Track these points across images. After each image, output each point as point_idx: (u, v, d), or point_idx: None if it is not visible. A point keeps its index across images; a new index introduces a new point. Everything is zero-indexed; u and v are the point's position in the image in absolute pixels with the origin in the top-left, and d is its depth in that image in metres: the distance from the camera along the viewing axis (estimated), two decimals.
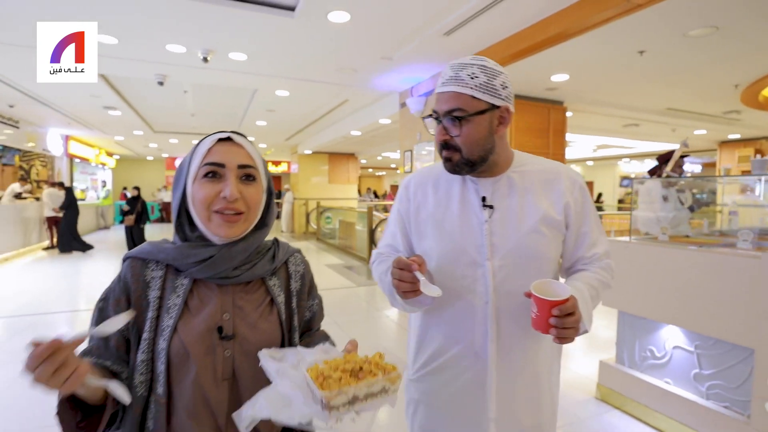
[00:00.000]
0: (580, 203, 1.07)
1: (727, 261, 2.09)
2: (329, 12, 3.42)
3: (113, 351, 0.81)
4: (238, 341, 0.83)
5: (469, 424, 1.05)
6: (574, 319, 0.88)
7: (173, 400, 0.80)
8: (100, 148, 13.87)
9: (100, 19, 3.62)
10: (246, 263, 0.86)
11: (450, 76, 0.98)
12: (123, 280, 0.84)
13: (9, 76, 5.56)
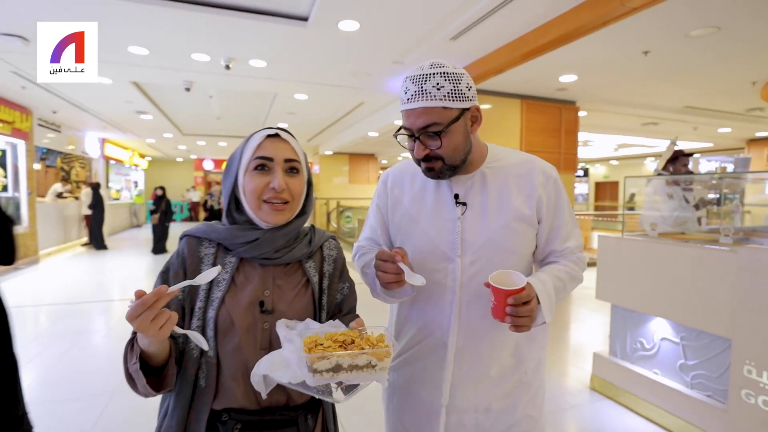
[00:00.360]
0: (553, 198, 1.07)
1: (706, 255, 2.18)
2: (339, 21, 3.64)
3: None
4: (276, 316, 0.91)
5: (426, 409, 1.08)
6: (528, 308, 0.90)
7: (220, 363, 0.89)
8: (133, 150, 14.60)
9: (134, 34, 3.96)
10: (286, 247, 0.94)
11: (414, 91, 0.95)
12: (181, 255, 0.93)
13: (55, 86, 6.04)
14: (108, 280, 6.35)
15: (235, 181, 0.92)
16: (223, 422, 0.86)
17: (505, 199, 1.05)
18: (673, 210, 3.32)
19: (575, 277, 1.07)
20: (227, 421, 0.86)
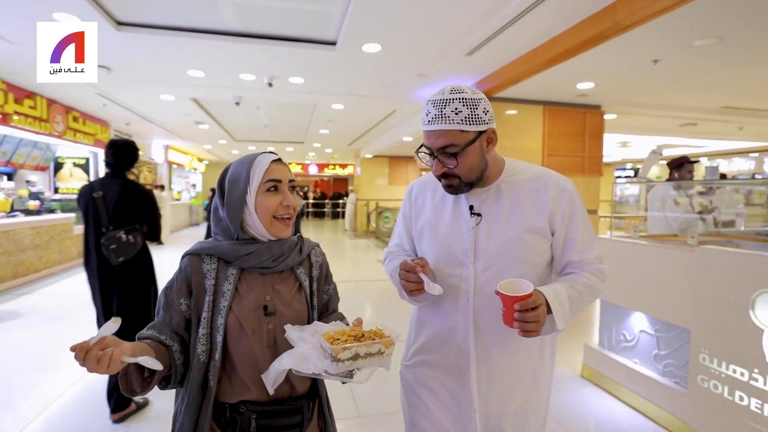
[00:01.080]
0: (568, 211, 1.10)
1: (672, 254, 2.42)
2: (363, 44, 4.12)
3: (174, 327, 0.99)
4: (278, 317, 1.00)
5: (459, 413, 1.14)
6: (535, 314, 0.92)
7: (231, 363, 0.98)
8: (192, 155, 15.98)
9: (192, 60, 4.66)
10: (281, 256, 1.03)
11: (435, 114, 1.01)
12: (184, 272, 1.01)
13: (128, 103, 7.02)
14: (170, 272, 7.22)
15: (243, 203, 1.00)
16: (240, 413, 0.97)
17: (517, 212, 1.10)
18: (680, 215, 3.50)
19: (593, 287, 1.08)
20: (244, 412, 0.97)
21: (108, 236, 2.41)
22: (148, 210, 2.61)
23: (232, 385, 0.98)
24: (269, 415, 0.98)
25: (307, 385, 1.07)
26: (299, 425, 1.00)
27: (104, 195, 2.47)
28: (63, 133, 7.01)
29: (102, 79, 5.44)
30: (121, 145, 2.58)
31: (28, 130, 6.12)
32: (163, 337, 0.96)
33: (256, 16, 3.68)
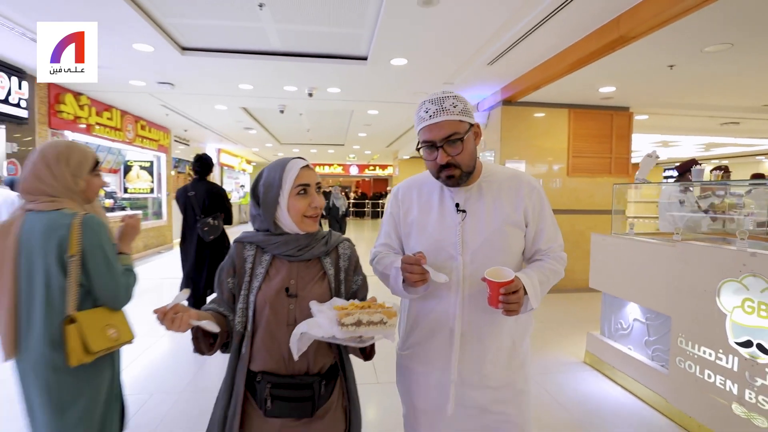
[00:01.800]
0: (537, 206, 1.25)
1: (658, 249, 2.67)
2: (391, 59, 4.56)
3: (226, 301, 1.18)
4: (299, 299, 1.11)
5: (437, 387, 1.26)
6: (517, 296, 1.07)
7: (257, 335, 1.11)
8: (242, 157, 17.10)
9: (243, 75, 5.30)
10: (306, 246, 1.15)
11: (436, 109, 1.14)
12: (231, 256, 1.18)
13: (187, 112, 7.87)
14: None
15: (276, 203, 1.14)
16: (258, 382, 1.10)
17: (498, 207, 1.23)
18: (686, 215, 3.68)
19: (557, 271, 1.25)
20: (261, 381, 1.10)
21: (201, 222, 3.63)
22: (224, 203, 3.82)
23: (255, 355, 1.12)
24: (281, 386, 1.09)
25: (325, 366, 1.15)
26: (310, 399, 1.09)
27: (195, 193, 3.68)
28: (133, 139, 7.98)
29: (166, 93, 6.24)
30: (203, 158, 3.80)
31: (106, 138, 7.07)
32: (221, 309, 1.16)
33: (297, 38, 4.22)
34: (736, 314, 2.12)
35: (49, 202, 1.33)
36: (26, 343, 1.32)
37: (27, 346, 1.31)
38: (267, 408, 1.09)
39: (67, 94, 5.95)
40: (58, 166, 1.34)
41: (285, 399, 1.09)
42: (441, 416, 1.25)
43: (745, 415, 2.08)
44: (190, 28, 4.03)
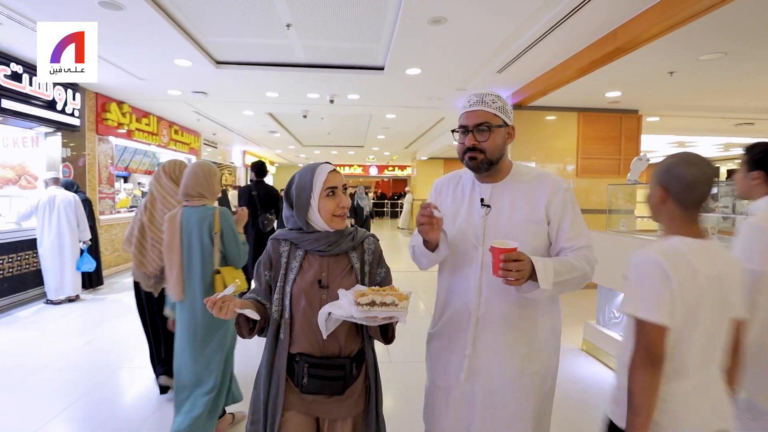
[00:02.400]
0: (560, 205, 1.30)
1: (642, 243, 2.93)
2: (406, 69, 4.92)
3: (264, 291, 1.32)
4: (330, 290, 1.24)
5: (454, 359, 1.37)
6: (517, 265, 1.11)
7: (294, 322, 1.25)
8: (265, 158, 17.74)
9: (270, 84, 5.76)
10: (334, 242, 1.27)
11: (476, 100, 1.29)
12: (268, 251, 1.32)
13: (217, 118, 8.43)
14: None
15: (308, 205, 1.26)
16: (296, 362, 1.24)
17: (519, 204, 1.32)
18: None
19: (576, 267, 1.24)
20: (299, 361, 1.23)
21: (262, 216, 4.54)
22: (277, 202, 4.67)
23: (293, 339, 1.25)
24: (317, 366, 1.23)
25: (354, 350, 1.29)
26: (342, 379, 1.23)
27: (258, 193, 4.56)
28: (167, 143, 8.58)
29: (199, 101, 6.77)
30: (261, 165, 4.70)
31: (144, 142, 7.67)
32: (260, 298, 1.31)
33: (319, 52, 4.64)
34: None
35: (198, 201, 2.13)
36: (189, 289, 2.08)
37: (189, 291, 2.07)
38: (303, 385, 1.23)
39: (112, 103, 6.55)
40: (210, 179, 2.14)
41: (319, 377, 1.22)
42: (455, 394, 1.37)
43: None
44: (225, 45, 4.49)
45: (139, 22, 3.68)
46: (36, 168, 5.82)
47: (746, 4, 2.95)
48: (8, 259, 4.69)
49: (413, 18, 3.53)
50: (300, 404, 1.24)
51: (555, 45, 4.05)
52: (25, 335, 3.95)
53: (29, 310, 4.69)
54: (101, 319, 4.44)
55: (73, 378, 3.02)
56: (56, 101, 5.27)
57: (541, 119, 6.24)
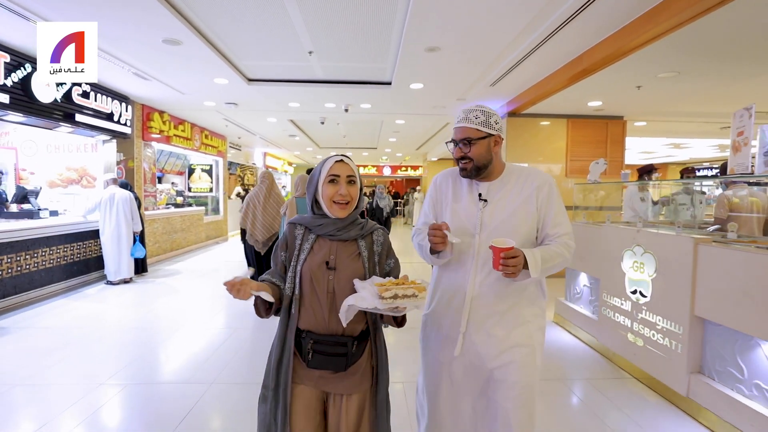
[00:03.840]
0: (546, 196, 1.49)
1: (597, 230, 3.66)
2: (410, 84, 5.70)
3: (279, 272, 1.42)
4: (337, 272, 1.34)
5: (448, 337, 1.54)
6: (515, 261, 1.31)
7: (303, 299, 1.36)
8: (284, 159, 18.70)
9: (292, 96, 6.60)
10: (344, 229, 1.38)
11: (462, 117, 1.49)
12: (285, 235, 1.43)
13: (244, 124, 9.34)
14: None
15: (316, 189, 1.40)
16: (303, 338, 1.34)
17: (512, 199, 1.50)
18: (646, 209, 4.62)
19: (561, 254, 1.44)
20: (305, 338, 1.33)
21: None
22: None
23: (302, 315, 1.34)
24: (321, 342, 1.31)
25: (357, 330, 1.36)
26: (344, 356, 1.30)
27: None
28: (199, 147, 9.53)
29: (229, 110, 7.67)
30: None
31: (180, 146, 8.61)
32: (274, 279, 1.38)
33: (336, 70, 5.44)
34: (629, 272, 3.12)
35: (303, 194, 3.03)
36: None
37: None
38: (308, 360, 1.32)
39: (155, 112, 7.49)
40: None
41: (323, 353, 1.31)
42: (450, 365, 1.54)
43: (633, 340, 3.08)
44: (256, 67, 5.34)
45: (192, 53, 4.55)
46: (94, 170, 6.79)
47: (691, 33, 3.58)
48: (77, 246, 5.63)
49: (412, 47, 4.30)
50: (308, 378, 1.35)
51: (535, 65, 4.77)
52: (95, 307, 4.86)
53: (95, 288, 5.63)
54: (152, 297, 5.33)
55: (132, 340, 3.88)
56: (114, 113, 6.21)
57: (533, 125, 6.93)
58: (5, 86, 4.33)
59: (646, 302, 2.95)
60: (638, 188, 4.69)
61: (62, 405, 2.60)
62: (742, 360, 2.28)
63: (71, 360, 3.32)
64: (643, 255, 2.98)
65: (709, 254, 2.45)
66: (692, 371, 2.57)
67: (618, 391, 2.89)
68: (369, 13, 3.72)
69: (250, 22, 3.90)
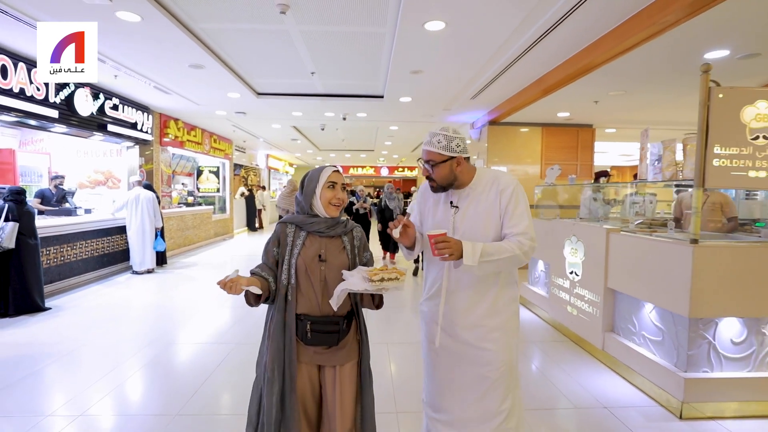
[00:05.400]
0: (507, 199, 1.65)
1: (551, 224, 4.44)
2: (400, 98, 6.49)
3: (271, 267, 1.59)
4: (327, 263, 1.56)
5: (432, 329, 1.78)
6: (444, 245, 1.49)
7: (299, 288, 1.56)
8: (285, 161, 19.48)
9: (294, 107, 7.38)
10: (332, 227, 1.60)
11: (428, 140, 1.67)
12: (276, 233, 1.61)
13: (250, 129, 10.12)
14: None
15: (314, 193, 1.59)
16: (301, 321, 1.54)
17: (480, 203, 1.69)
18: (600, 207, 5.41)
19: (507, 249, 1.57)
20: (303, 320, 1.53)
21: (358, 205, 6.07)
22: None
23: (298, 301, 1.55)
24: (317, 323, 1.53)
25: (345, 312, 1.58)
26: (336, 333, 1.54)
27: None
28: (208, 151, 10.30)
29: (238, 118, 8.45)
30: None
31: (192, 150, 9.39)
32: (263, 274, 1.56)
33: (335, 86, 6.22)
34: (568, 257, 3.91)
35: None
36: None
37: None
38: (307, 338, 1.52)
39: (171, 120, 8.27)
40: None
41: (319, 332, 1.52)
42: (437, 346, 1.75)
43: (570, 310, 3.87)
44: (265, 84, 6.12)
45: (212, 74, 5.33)
46: (119, 173, 7.58)
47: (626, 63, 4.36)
48: (107, 240, 6.41)
49: (399, 70, 5.08)
50: (306, 354, 1.55)
51: (508, 82, 5.55)
52: (126, 292, 5.63)
53: (123, 277, 6.41)
54: (173, 284, 6.11)
55: (161, 315, 4.67)
56: (137, 122, 6.99)
57: (512, 132, 7.72)
58: (55, 103, 5.11)
59: (579, 280, 3.74)
60: (592, 189, 5.48)
61: (109, 365, 3.39)
62: (635, 318, 3.07)
63: (114, 332, 4.11)
64: (577, 243, 3.77)
65: (616, 240, 3.24)
66: (606, 330, 3.36)
67: (557, 351, 3.67)
68: (362, 44, 4.50)
69: (262, 49, 4.68)
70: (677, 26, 3.44)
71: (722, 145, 2.49)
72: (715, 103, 2.48)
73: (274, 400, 1.48)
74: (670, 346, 2.74)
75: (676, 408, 2.55)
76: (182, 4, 3.54)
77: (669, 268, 2.63)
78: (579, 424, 2.54)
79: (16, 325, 4.10)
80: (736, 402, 2.55)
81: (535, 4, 3.38)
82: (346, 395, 1.56)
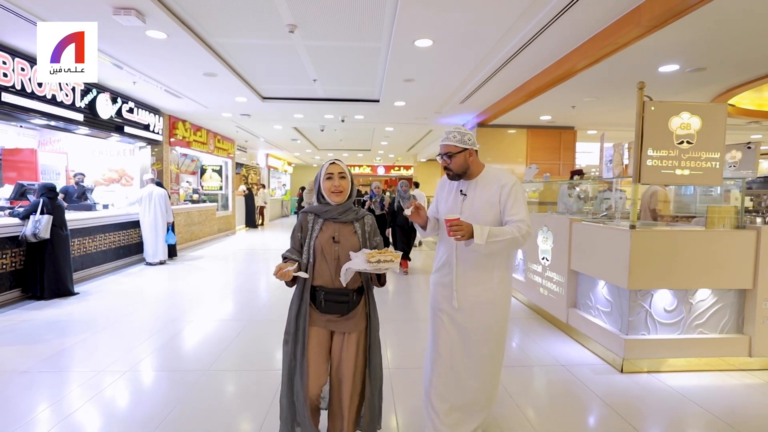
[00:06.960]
0: (507, 193, 1.92)
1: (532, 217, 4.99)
2: (394, 102, 7.02)
3: (298, 249, 1.88)
4: (340, 244, 1.82)
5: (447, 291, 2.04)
6: (458, 227, 1.75)
7: (315, 264, 1.83)
8: (284, 160, 19.96)
9: (296, 110, 7.90)
10: (343, 213, 1.86)
11: (444, 137, 1.98)
12: (299, 220, 1.91)
13: (253, 130, 10.63)
14: (265, 242, 10.73)
15: (319, 185, 1.89)
16: (317, 291, 1.81)
17: (484, 193, 1.98)
18: (575, 202, 5.97)
19: (509, 231, 1.84)
20: (318, 291, 1.81)
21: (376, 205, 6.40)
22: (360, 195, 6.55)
23: (314, 275, 1.83)
24: (330, 294, 1.80)
25: (356, 286, 1.84)
26: (346, 303, 1.80)
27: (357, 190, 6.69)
28: (212, 150, 10.80)
29: (243, 120, 8.96)
30: None
31: (197, 150, 9.88)
32: (294, 257, 1.83)
33: (335, 91, 6.75)
34: (541, 245, 4.46)
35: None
36: None
37: None
38: (322, 306, 1.80)
39: (179, 121, 8.77)
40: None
41: (332, 301, 1.80)
42: (449, 311, 2.03)
43: (542, 291, 4.43)
44: (270, 89, 6.64)
45: (225, 83, 5.85)
46: (131, 171, 8.07)
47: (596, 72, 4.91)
48: (122, 233, 6.91)
49: (393, 78, 5.62)
50: (320, 321, 1.82)
51: (493, 89, 6.10)
52: (141, 281, 6.14)
53: (137, 268, 6.92)
54: (184, 274, 6.62)
55: (176, 302, 5.19)
56: (150, 124, 7.49)
57: (499, 134, 8.28)
58: (80, 108, 5.62)
59: (548, 264, 4.30)
60: (567, 186, 6.04)
61: (145, 335, 3.92)
62: (592, 294, 3.63)
63: (142, 311, 4.63)
64: (547, 232, 4.32)
65: (578, 229, 3.79)
66: (570, 306, 3.92)
67: (531, 327, 4.22)
68: (360, 56, 5.03)
69: (270, 60, 5.20)
70: (633, 44, 3.99)
71: (654, 148, 3.03)
72: (648, 114, 3.02)
73: (289, 350, 1.83)
74: (616, 315, 3.29)
75: (619, 364, 3.11)
76: (201, 21, 4.06)
77: (615, 249, 3.19)
78: (539, 377, 3.09)
79: (52, 306, 4.62)
80: (668, 359, 3.11)
81: (511, 23, 3.92)
82: (351, 358, 1.83)
